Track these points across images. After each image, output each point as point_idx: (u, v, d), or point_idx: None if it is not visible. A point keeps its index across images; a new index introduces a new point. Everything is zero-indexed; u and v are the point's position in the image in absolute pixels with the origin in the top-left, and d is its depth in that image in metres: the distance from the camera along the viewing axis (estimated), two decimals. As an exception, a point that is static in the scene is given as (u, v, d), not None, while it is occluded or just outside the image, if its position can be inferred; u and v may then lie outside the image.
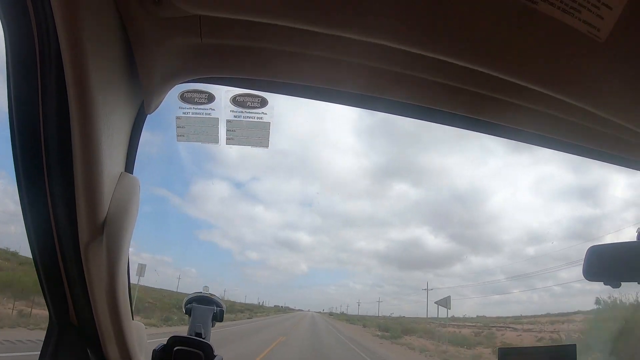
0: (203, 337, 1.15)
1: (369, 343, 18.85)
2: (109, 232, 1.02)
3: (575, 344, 1.42)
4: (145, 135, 1.14)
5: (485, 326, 21.84)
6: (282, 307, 49.59)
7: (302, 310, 51.16)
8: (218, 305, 1.25)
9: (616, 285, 1.38)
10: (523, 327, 20.27)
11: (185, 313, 1.22)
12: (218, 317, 1.23)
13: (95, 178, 0.99)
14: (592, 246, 1.32)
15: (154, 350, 1.08)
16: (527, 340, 16.81)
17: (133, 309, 1.33)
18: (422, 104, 1.21)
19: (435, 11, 0.81)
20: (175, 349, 1.07)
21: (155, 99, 1.06)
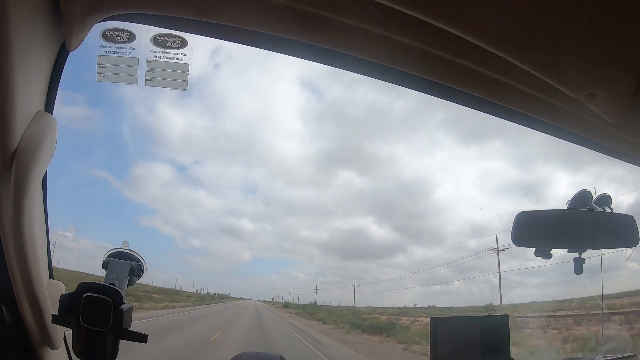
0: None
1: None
2: (18, 163, 1.00)
3: (507, 315, 1.42)
4: (85, 112, 1.12)
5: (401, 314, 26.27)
6: (217, 295, 45.41)
7: (244, 299, 48.54)
8: (137, 260, 1.22)
9: (547, 256, 1.39)
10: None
11: (103, 267, 1.19)
12: (135, 272, 1.20)
13: (6, 110, 0.98)
14: (521, 212, 1.32)
15: (61, 296, 1.05)
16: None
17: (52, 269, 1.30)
18: (383, 62, 1.15)
19: None
20: (84, 295, 1.04)
21: (76, 35, 1.04)
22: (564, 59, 0.95)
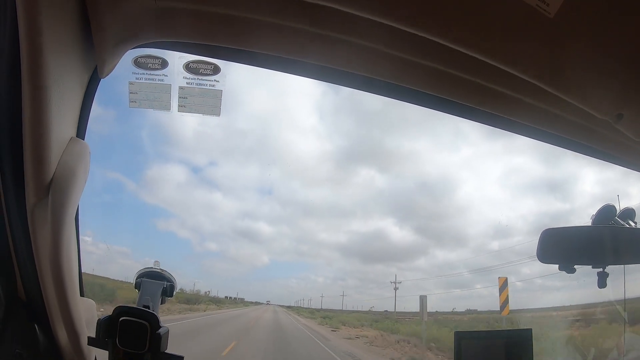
0: (151, 310, 1.14)
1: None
2: (55, 192, 1.01)
3: (531, 329, 1.43)
4: (96, 112, 1.13)
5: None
6: (233, 298, 39.97)
7: (260, 304, 43.32)
8: (168, 280, 1.24)
9: (571, 270, 1.40)
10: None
11: (135, 287, 1.21)
12: (168, 292, 1.22)
13: (43, 139, 0.99)
14: (546, 229, 1.34)
15: (99, 320, 1.07)
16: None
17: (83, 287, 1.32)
18: (390, 80, 1.17)
19: None
20: (120, 319, 1.06)
21: (108, 63, 1.05)
22: (592, 83, 0.97)
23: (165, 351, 1.08)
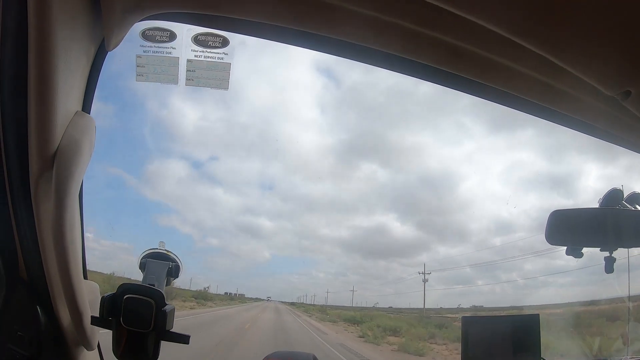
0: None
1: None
2: (59, 165, 0.99)
3: (538, 314, 1.42)
4: (97, 107, 1.12)
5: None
6: (232, 294, 35.67)
7: (260, 300, 38.04)
8: (173, 261, 1.22)
9: (578, 255, 1.39)
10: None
11: (140, 268, 1.19)
12: (173, 272, 1.20)
13: (49, 110, 0.97)
14: (555, 210, 1.33)
15: (102, 298, 1.05)
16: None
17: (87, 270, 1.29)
18: (394, 51, 1.14)
19: None
20: (125, 297, 1.04)
21: (116, 35, 1.04)
22: (599, 56, 0.95)
23: (171, 330, 1.06)
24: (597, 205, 1.41)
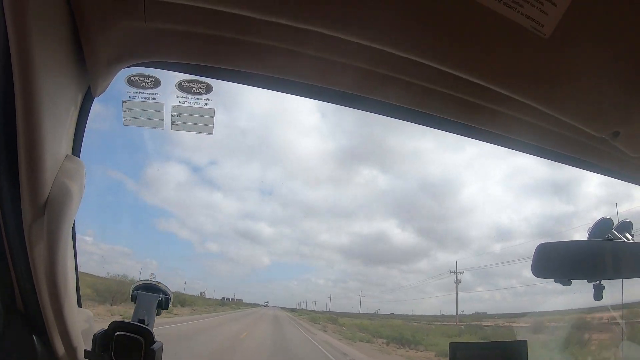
0: (146, 324, 1.16)
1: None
2: (50, 211, 1.02)
3: (526, 340, 1.44)
4: (101, 116, 1.13)
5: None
6: (228, 300, 36.46)
7: (257, 306, 38.31)
8: (164, 293, 1.26)
9: (566, 283, 1.40)
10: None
11: (131, 300, 1.23)
12: (163, 305, 1.24)
13: (38, 160, 0.99)
14: (541, 243, 1.33)
15: (94, 335, 1.09)
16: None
17: (81, 296, 1.34)
18: (379, 98, 1.17)
19: None
20: (116, 334, 1.08)
21: (101, 82, 1.06)
22: (587, 102, 0.99)
23: None
24: (586, 235, 1.41)
